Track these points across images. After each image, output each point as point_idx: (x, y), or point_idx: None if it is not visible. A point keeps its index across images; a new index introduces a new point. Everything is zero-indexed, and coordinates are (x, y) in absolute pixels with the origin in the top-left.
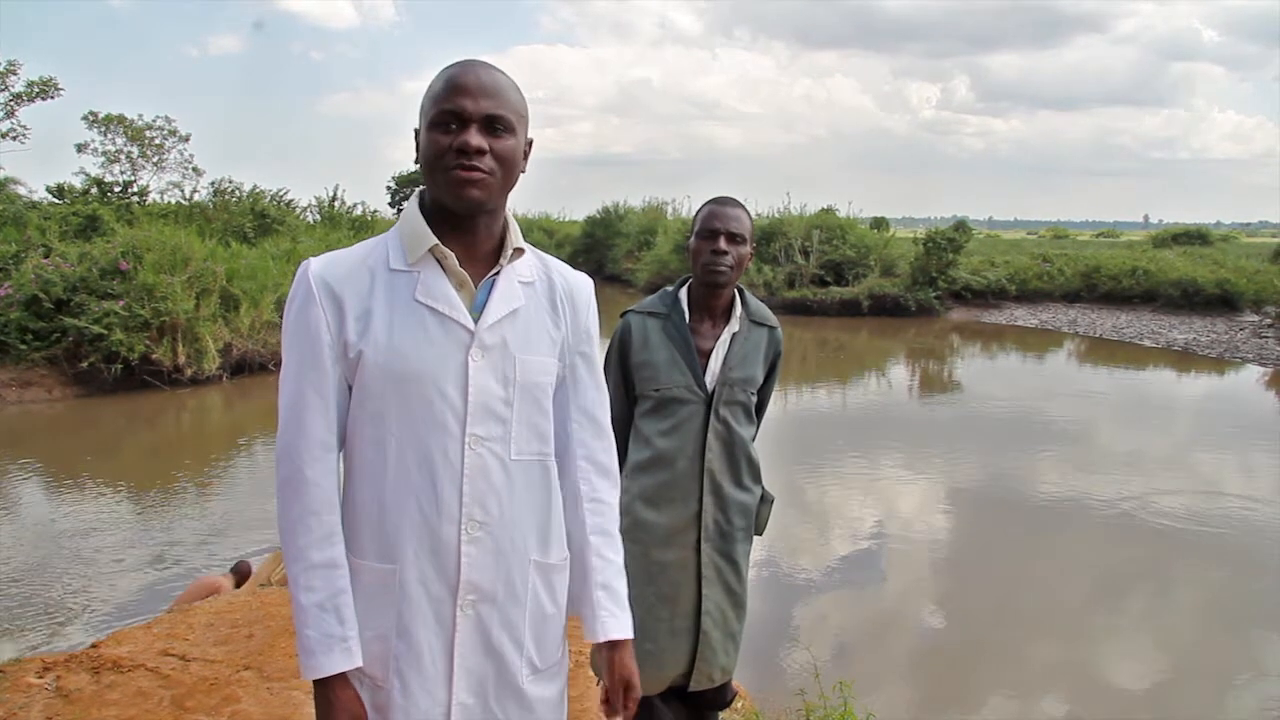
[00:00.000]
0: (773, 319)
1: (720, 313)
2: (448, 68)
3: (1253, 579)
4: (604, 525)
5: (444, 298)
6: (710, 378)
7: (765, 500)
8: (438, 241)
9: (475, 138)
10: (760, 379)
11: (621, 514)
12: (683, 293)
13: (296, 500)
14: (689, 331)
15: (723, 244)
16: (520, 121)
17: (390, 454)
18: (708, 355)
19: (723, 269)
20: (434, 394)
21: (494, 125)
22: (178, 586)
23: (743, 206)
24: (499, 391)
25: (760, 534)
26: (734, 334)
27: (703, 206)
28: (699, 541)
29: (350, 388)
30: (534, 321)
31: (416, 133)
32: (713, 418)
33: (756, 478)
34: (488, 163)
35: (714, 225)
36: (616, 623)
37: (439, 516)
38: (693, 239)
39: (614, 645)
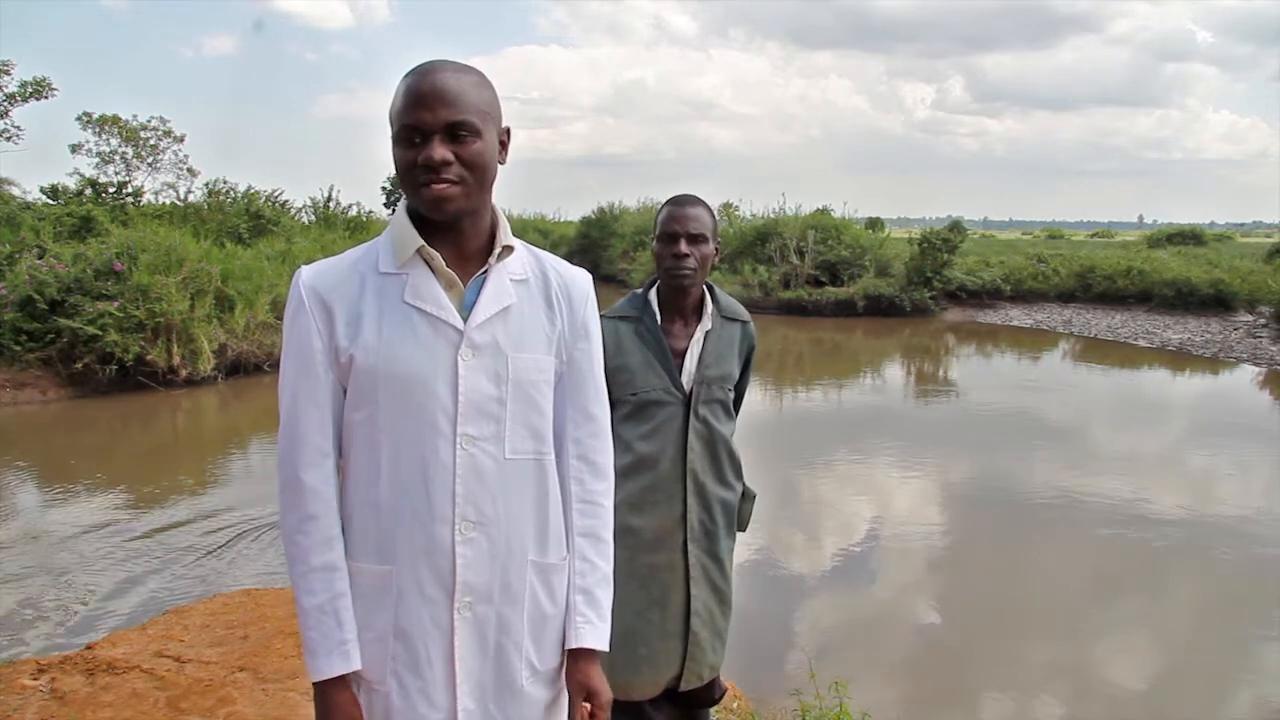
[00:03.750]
0: (744, 314)
1: (691, 311)
2: (407, 75)
3: (1247, 578)
4: (593, 528)
5: (432, 298)
6: (687, 377)
7: (747, 497)
8: (424, 243)
9: (438, 150)
10: (736, 375)
11: None
12: (652, 294)
13: (295, 505)
14: (661, 333)
15: (684, 246)
16: (486, 119)
17: (384, 456)
18: (682, 355)
19: (686, 271)
20: (424, 394)
21: (456, 132)
22: (174, 588)
23: (702, 203)
24: (491, 390)
25: (743, 530)
26: (707, 332)
27: (662, 207)
28: (685, 543)
29: (345, 392)
30: (528, 319)
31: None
32: (693, 418)
33: (738, 474)
34: (455, 172)
35: (673, 228)
36: (592, 630)
37: (432, 517)
38: (655, 241)
39: (582, 654)
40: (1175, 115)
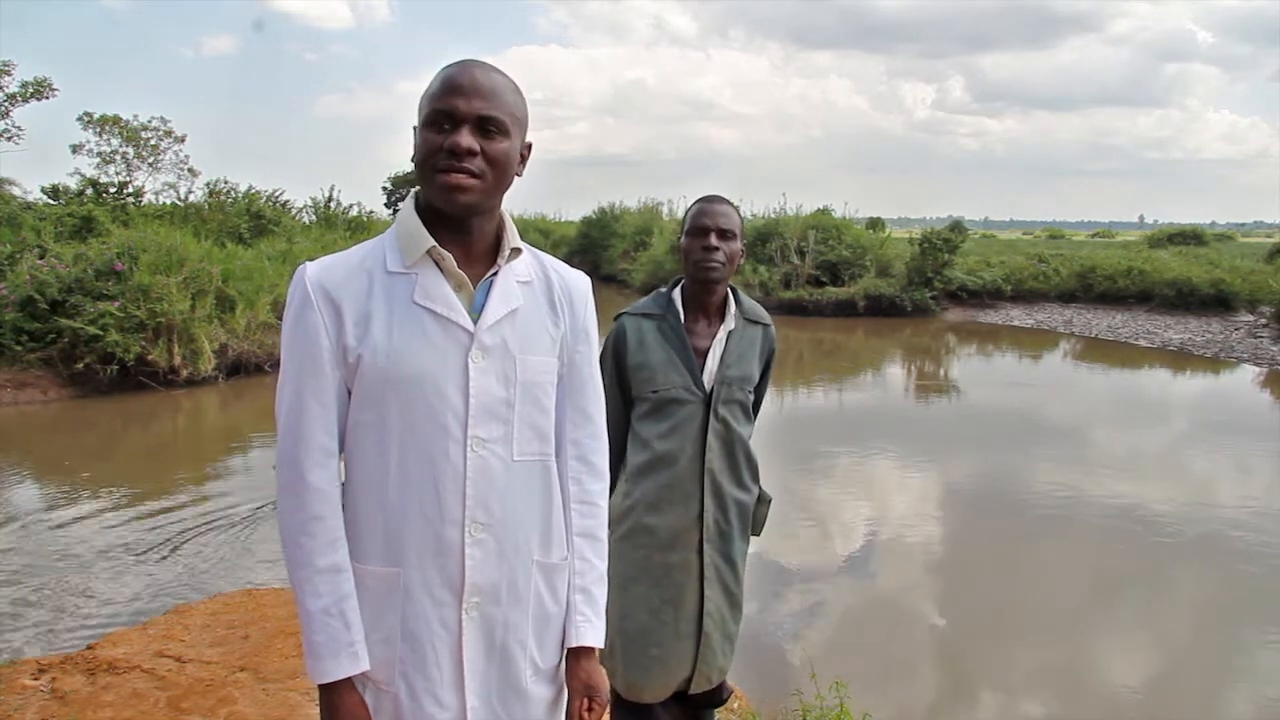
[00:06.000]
0: (766, 317)
1: (715, 311)
2: (446, 66)
3: (1247, 579)
4: (590, 528)
5: (443, 299)
6: (708, 377)
7: (763, 500)
8: (435, 243)
9: (466, 138)
10: (756, 377)
11: (623, 518)
12: (676, 293)
13: (300, 506)
14: (685, 331)
15: (713, 240)
16: (516, 124)
17: (392, 458)
18: (704, 354)
19: (715, 265)
20: (435, 397)
21: (487, 126)
22: (175, 588)
23: (731, 203)
24: (500, 392)
25: (758, 534)
26: (730, 332)
27: (692, 205)
28: (701, 543)
29: (350, 392)
30: (533, 321)
31: (416, 130)
32: (712, 418)
33: (755, 477)
34: (478, 164)
35: (704, 222)
36: (591, 629)
37: (442, 520)
38: (683, 238)
39: (582, 652)
40: (1175, 115)
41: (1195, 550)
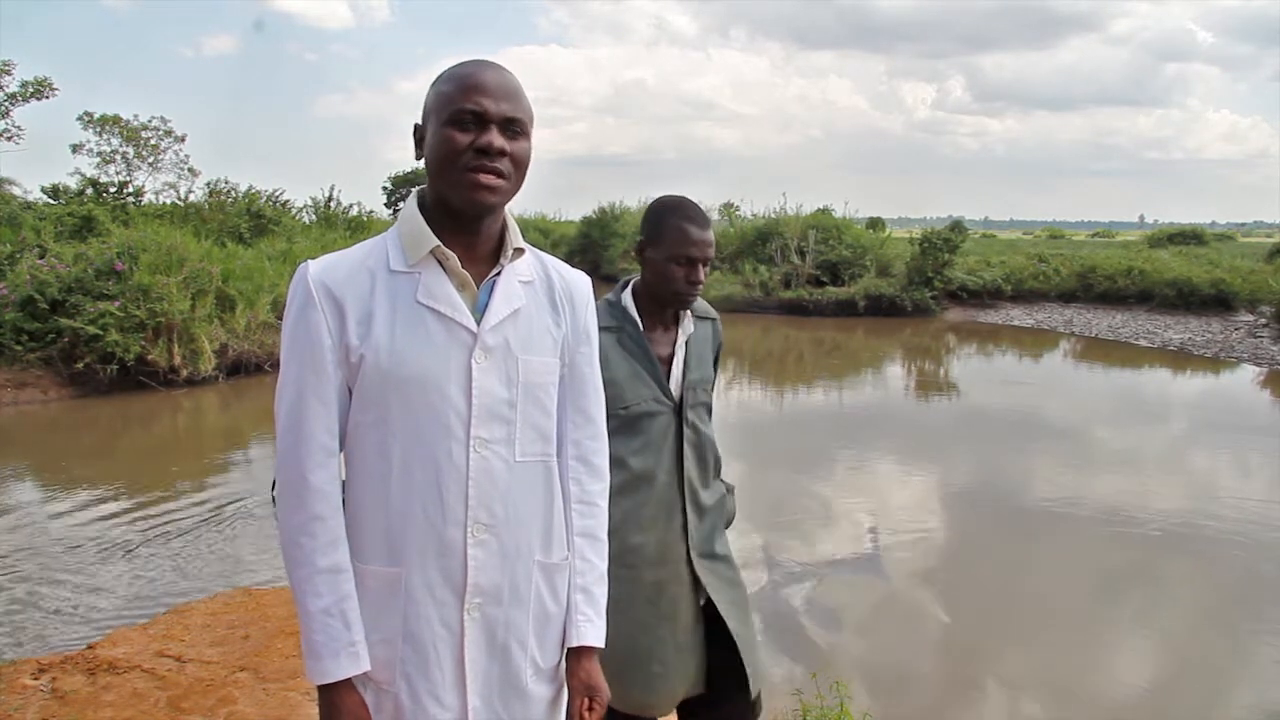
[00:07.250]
0: (712, 311)
1: (671, 316)
2: (462, 65)
3: (1248, 579)
4: (591, 528)
5: (446, 299)
6: (674, 385)
7: (729, 491)
8: (439, 243)
9: (498, 138)
10: (712, 374)
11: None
12: (628, 300)
13: (300, 506)
14: (646, 341)
15: (701, 274)
16: (531, 125)
17: (394, 458)
18: (668, 362)
19: (696, 295)
20: (437, 397)
21: (511, 128)
22: (174, 588)
23: (708, 219)
24: (503, 393)
25: (728, 526)
26: (689, 336)
27: (669, 216)
28: (688, 552)
29: (351, 392)
30: (535, 321)
31: (418, 128)
32: (685, 426)
33: (719, 472)
34: (505, 165)
35: (692, 253)
36: (592, 629)
37: (444, 520)
38: (655, 251)
39: (583, 652)
40: (1176, 115)
41: (1197, 550)
